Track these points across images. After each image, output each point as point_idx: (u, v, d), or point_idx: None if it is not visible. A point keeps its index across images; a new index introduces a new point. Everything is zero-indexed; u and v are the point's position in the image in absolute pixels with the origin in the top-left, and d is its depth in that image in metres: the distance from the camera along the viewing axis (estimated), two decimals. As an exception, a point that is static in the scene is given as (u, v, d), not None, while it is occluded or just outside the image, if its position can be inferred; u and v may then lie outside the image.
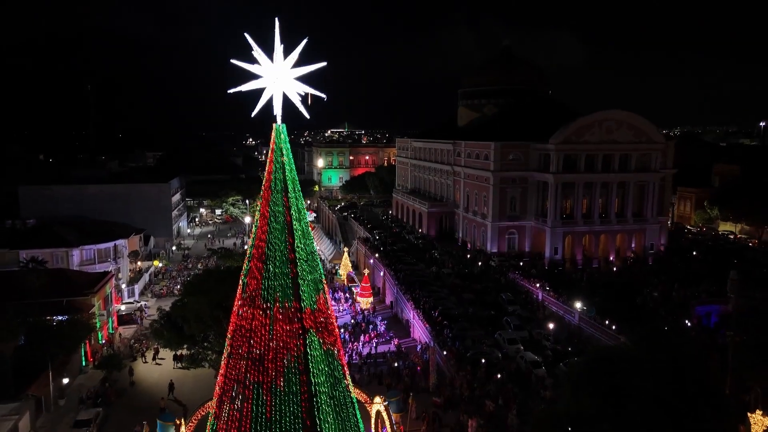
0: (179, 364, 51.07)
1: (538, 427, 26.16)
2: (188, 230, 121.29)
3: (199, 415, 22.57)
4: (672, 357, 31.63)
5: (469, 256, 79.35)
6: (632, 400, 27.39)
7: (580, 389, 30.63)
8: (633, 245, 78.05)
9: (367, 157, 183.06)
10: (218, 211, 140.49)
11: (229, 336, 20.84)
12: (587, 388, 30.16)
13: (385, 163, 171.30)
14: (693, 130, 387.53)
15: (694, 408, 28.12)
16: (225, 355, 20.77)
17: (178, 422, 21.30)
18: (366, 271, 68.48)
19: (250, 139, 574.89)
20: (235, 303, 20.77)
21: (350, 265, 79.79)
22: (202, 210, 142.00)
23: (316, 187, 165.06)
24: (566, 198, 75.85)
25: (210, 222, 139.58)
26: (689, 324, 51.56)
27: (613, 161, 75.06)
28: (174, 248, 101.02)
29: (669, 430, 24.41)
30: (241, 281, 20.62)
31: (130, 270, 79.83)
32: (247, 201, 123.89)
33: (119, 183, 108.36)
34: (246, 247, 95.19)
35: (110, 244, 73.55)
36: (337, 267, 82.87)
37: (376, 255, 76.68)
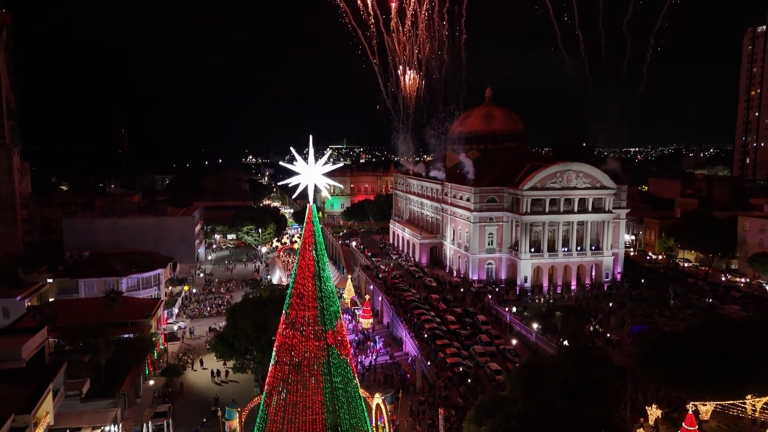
0: (216, 379, 64.05)
1: (485, 406, 39.98)
2: (208, 256, 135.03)
3: (250, 406, 35.44)
4: (582, 364, 45.92)
5: (453, 282, 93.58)
6: (547, 390, 41.57)
7: (517, 383, 44.91)
8: (593, 273, 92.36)
9: (366, 185, 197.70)
10: (230, 236, 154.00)
11: (275, 349, 32.85)
12: (521, 382, 44.47)
13: (383, 191, 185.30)
14: (687, 148, 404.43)
15: (588, 396, 42.16)
16: (273, 362, 32.32)
17: (239, 409, 34.53)
18: (367, 297, 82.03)
19: (250, 156, 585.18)
20: (280, 326, 32.71)
21: (353, 290, 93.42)
22: (216, 236, 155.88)
23: (320, 213, 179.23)
24: (535, 234, 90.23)
25: (224, 247, 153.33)
26: (619, 340, 65.68)
27: (573, 204, 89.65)
28: (201, 274, 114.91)
29: (569, 409, 38.25)
30: (284, 311, 32.54)
31: (165, 294, 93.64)
32: (259, 230, 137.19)
33: (148, 215, 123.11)
34: (269, 276, 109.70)
35: (153, 273, 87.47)
36: (341, 291, 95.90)
37: (376, 281, 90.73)
